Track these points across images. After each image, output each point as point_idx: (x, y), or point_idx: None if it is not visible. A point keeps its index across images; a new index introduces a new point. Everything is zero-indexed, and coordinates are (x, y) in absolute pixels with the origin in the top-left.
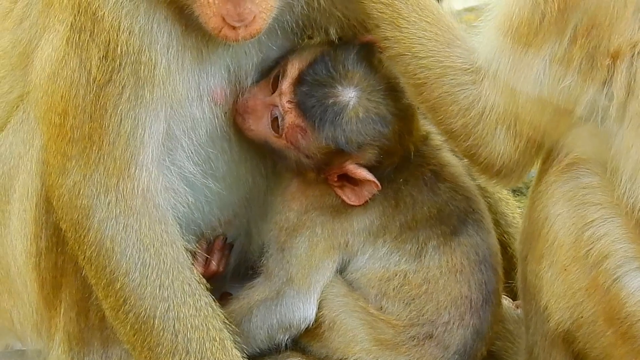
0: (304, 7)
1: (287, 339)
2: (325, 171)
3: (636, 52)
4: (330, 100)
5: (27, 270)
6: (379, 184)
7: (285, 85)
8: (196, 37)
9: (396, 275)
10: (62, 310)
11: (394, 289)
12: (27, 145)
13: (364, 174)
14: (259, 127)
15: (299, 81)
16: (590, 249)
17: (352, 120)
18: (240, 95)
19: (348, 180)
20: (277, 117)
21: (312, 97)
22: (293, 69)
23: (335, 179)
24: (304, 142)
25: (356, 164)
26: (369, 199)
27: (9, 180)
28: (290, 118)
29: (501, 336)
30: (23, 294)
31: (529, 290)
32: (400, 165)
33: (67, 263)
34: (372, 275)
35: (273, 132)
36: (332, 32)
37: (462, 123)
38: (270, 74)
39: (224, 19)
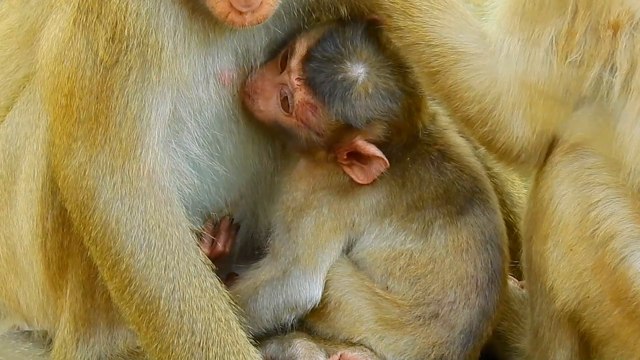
0: None
1: (293, 319)
2: (335, 149)
3: (635, 22)
4: (340, 76)
5: (33, 251)
6: (387, 161)
7: (294, 62)
8: (203, 21)
9: (402, 254)
10: (68, 291)
11: (399, 268)
12: (34, 126)
13: (372, 150)
14: (269, 107)
15: (308, 58)
16: (596, 229)
17: (361, 96)
18: (248, 77)
19: (357, 158)
20: (286, 96)
21: (321, 73)
22: (301, 47)
23: (345, 157)
24: (314, 119)
25: (365, 140)
26: (377, 177)
27: (15, 160)
28: (300, 95)
29: (507, 316)
30: (29, 275)
31: (534, 271)
32: (407, 145)
33: (73, 244)
34: (378, 255)
35: (283, 111)
36: (342, 12)
37: (478, 109)
38: (278, 54)
39: (230, 4)
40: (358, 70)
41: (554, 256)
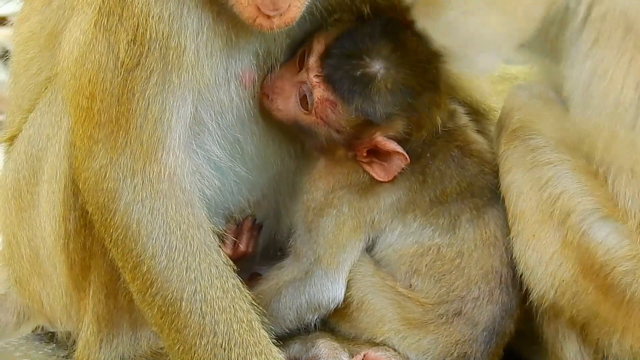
0: None
1: (317, 319)
2: (354, 146)
3: None
4: (359, 72)
5: (56, 252)
6: (407, 157)
7: (312, 60)
8: (226, 23)
9: (430, 249)
10: (91, 292)
11: (426, 265)
12: (56, 127)
13: (392, 145)
14: (288, 106)
15: (326, 55)
16: (553, 208)
17: (381, 91)
18: (267, 78)
19: (376, 155)
20: (305, 94)
21: (340, 69)
22: (319, 45)
23: (364, 155)
24: (334, 116)
25: (385, 136)
26: (397, 175)
27: (37, 162)
28: (319, 92)
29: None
30: (52, 276)
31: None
32: (427, 141)
33: (96, 245)
34: (405, 252)
35: (302, 109)
36: (364, 10)
37: None
38: (296, 54)
39: (258, 9)
40: (377, 66)
41: (518, 248)
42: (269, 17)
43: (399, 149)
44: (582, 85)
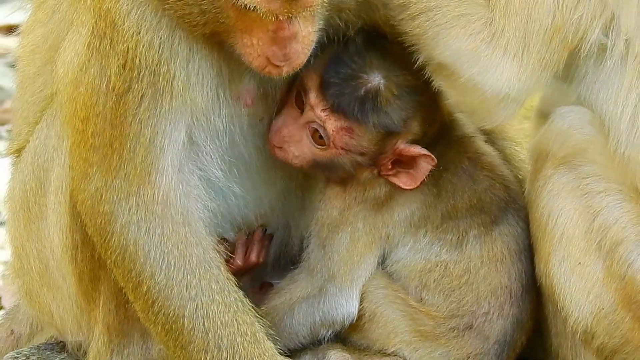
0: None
1: (330, 334)
2: (379, 162)
3: None
4: (362, 90)
5: (64, 263)
6: (433, 157)
7: (313, 96)
8: (219, 53)
9: (437, 266)
10: (101, 302)
11: (434, 280)
12: (61, 138)
13: (417, 150)
14: (302, 149)
15: (324, 87)
16: (603, 237)
17: (390, 100)
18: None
19: (401, 165)
20: (316, 131)
21: (344, 95)
22: (312, 80)
23: (389, 167)
24: (354, 141)
25: (406, 142)
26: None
27: (44, 173)
28: (332, 124)
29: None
30: (62, 287)
31: (544, 292)
32: (439, 152)
33: None
34: (413, 267)
35: (318, 147)
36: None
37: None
38: (288, 98)
39: (269, 60)
40: (377, 79)
41: (560, 273)
42: (278, 65)
43: (424, 151)
44: (628, 119)
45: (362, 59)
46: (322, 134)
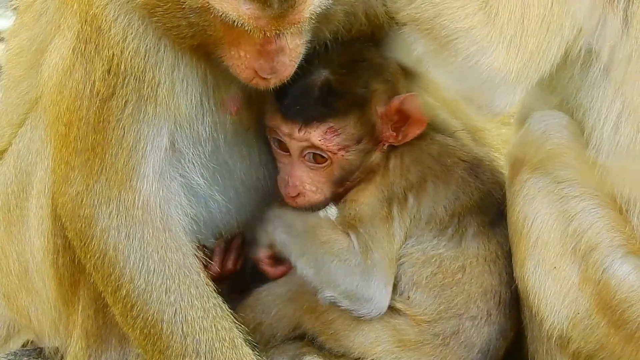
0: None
1: (334, 301)
2: (380, 137)
3: None
4: (317, 90)
5: (45, 267)
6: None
7: (283, 128)
8: (205, 61)
9: (433, 259)
10: (80, 307)
11: (426, 277)
12: (44, 141)
13: (396, 100)
14: (316, 180)
15: (285, 113)
16: (578, 242)
17: (342, 79)
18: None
19: (400, 127)
20: (311, 154)
21: (305, 105)
22: (274, 119)
23: (395, 135)
24: (343, 135)
25: (384, 104)
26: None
27: (26, 177)
28: (315, 136)
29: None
30: (41, 291)
31: (520, 296)
32: (449, 151)
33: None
34: (407, 259)
35: (324, 167)
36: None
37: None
38: (272, 151)
39: (256, 72)
40: (321, 72)
41: (535, 277)
42: (265, 78)
43: (402, 96)
44: (611, 127)
45: (305, 66)
46: (315, 152)
